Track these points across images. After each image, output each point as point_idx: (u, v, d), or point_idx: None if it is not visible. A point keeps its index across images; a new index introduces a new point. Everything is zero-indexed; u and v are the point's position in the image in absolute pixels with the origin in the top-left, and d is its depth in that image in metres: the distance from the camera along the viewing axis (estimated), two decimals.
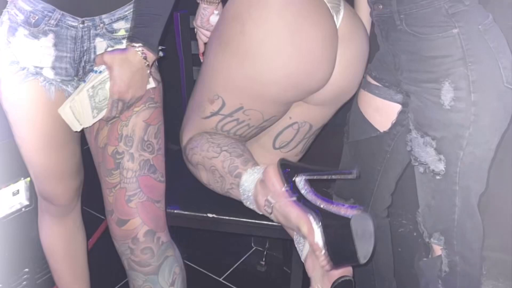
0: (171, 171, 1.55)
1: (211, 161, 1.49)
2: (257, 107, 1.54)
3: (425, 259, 1.63)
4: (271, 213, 1.34)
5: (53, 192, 1.58)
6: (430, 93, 1.42)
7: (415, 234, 2.22)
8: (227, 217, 1.68)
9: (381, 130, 1.64)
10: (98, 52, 1.39)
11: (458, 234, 1.50)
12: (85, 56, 1.40)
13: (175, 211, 1.70)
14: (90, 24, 1.36)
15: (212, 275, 2.35)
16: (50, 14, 1.34)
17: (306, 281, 1.46)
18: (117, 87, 1.32)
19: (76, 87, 1.38)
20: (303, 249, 1.38)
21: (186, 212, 1.71)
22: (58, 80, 1.41)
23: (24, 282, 1.87)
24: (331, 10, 1.51)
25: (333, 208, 1.27)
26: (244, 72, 1.49)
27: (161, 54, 1.40)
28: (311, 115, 1.67)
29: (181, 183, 1.73)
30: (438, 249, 1.55)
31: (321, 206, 1.29)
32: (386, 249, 1.83)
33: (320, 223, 1.23)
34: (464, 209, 1.48)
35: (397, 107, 1.60)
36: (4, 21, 1.40)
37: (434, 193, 1.50)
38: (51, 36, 1.35)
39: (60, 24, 1.34)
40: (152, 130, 1.43)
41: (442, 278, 1.56)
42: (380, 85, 1.61)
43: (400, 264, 1.97)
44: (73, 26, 1.35)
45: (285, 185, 1.31)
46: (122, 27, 1.40)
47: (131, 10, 1.39)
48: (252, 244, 2.54)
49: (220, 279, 2.33)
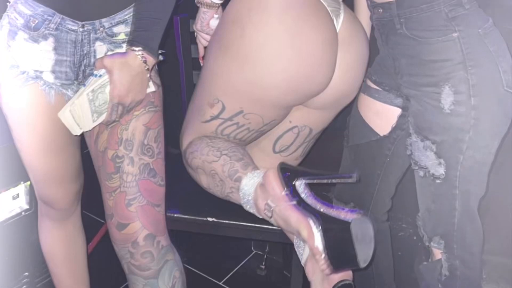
0: (171, 175, 1.54)
1: (211, 165, 1.49)
2: (257, 111, 1.54)
3: (425, 263, 1.63)
4: (271, 217, 1.34)
5: (53, 196, 1.58)
6: (430, 97, 1.42)
7: (415, 238, 2.22)
8: (227, 221, 1.68)
9: (381, 134, 1.64)
10: (98, 56, 1.39)
11: (458, 238, 1.50)
12: (85, 60, 1.40)
13: (175, 215, 1.70)
14: (90, 28, 1.36)
15: (212, 279, 2.34)
16: (50, 18, 1.34)
17: (306, 285, 1.46)
18: (117, 91, 1.32)
19: (76, 91, 1.39)
20: (303, 253, 1.38)
21: (186, 216, 1.71)
22: (58, 84, 1.41)
23: (24, 286, 1.87)
24: (331, 14, 1.51)
25: (333, 212, 1.27)
26: (244, 76, 1.49)
27: (161, 58, 1.41)
28: (311, 119, 1.67)
29: (181, 187, 1.73)
30: (438, 253, 1.55)
31: (321, 210, 1.29)
32: (386, 253, 1.82)
33: (320, 227, 1.23)
34: (464, 213, 1.48)
35: (397, 111, 1.60)
36: (4, 25, 1.40)
37: (434, 197, 1.50)
38: (51, 40, 1.35)
39: (60, 28, 1.35)
40: (152, 134, 1.43)
41: (442, 282, 1.55)
42: (380, 89, 1.61)
43: (400, 268, 1.96)
44: (73, 30, 1.35)
45: (285, 189, 1.31)
46: (122, 31, 1.40)
47: (131, 14, 1.39)
48: (252, 248, 2.53)
49: (220, 283, 2.33)
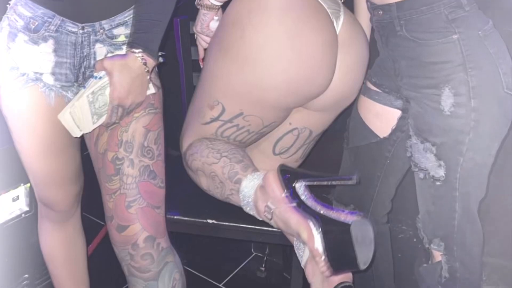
0: (171, 177, 1.54)
1: (211, 167, 1.49)
2: (257, 113, 1.54)
3: (425, 265, 1.63)
4: (271, 219, 1.34)
5: (53, 198, 1.57)
6: (430, 99, 1.42)
7: (415, 240, 2.21)
8: (227, 223, 1.68)
9: (381, 136, 1.64)
10: (98, 58, 1.39)
11: (458, 240, 1.50)
12: (85, 62, 1.40)
13: (175, 217, 1.70)
14: (90, 30, 1.36)
15: (212, 281, 2.34)
16: (50, 20, 1.34)
17: (306, 287, 1.46)
18: (117, 93, 1.32)
19: (76, 93, 1.39)
20: (303, 255, 1.38)
21: (186, 218, 1.71)
22: (58, 86, 1.41)
23: None
24: (331, 16, 1.51)
25: (333, 214, 1.27)
26: (244, 78, 1.49)
27: (161, 60, 1.40)
28: (311, 121, 1.67)
29: (181, 189, 1.73)
30: (438, 255, 1.55)
31: (321, 212, 1.29)
32: (386, 255, 1.82)
33: (320, 229, 1.23)
34: (464, 215, 1.48)
35: (397, 113, 1.60)
36: (4, 27, 1.39)
37: (434, 199, 1.50)
38: (51, 42, 1.35)
39: (60, 30, 1.35)
40: (152, 136, 1.43)
41: (442, 284, 1.55)
42: (380, 91, 1.61)
43: (400, 270, 1.96)
44: (73, 32, 1.35)
45: (285, 191, 1.31)
46: (122, 33, 1.40)
47: (131, 16, 1.39)
48: (252, 250, 2.53)
49: (220, 285, 2.33)
